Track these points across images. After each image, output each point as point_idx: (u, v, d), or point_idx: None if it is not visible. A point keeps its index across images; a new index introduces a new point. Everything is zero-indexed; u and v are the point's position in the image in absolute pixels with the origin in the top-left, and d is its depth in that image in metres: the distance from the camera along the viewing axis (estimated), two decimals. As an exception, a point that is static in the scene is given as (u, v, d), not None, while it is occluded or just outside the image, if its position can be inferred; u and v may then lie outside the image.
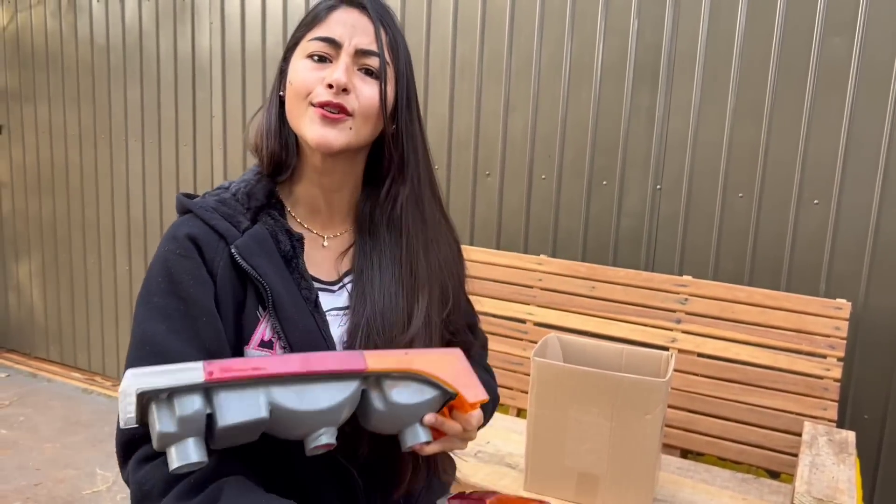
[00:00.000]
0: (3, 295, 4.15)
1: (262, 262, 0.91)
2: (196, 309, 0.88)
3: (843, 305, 2.02)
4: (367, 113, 0.95)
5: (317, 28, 0.96)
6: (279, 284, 0.91)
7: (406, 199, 1.00)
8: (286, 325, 0.91)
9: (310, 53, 0.95)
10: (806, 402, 1.98)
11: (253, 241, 0.92)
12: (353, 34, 0.95)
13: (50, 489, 2.80)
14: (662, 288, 2.19)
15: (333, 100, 0.92)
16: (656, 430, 1.69)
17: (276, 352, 0.91)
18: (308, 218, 1.02)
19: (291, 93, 0.96)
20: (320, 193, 1.01)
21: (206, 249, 0.91)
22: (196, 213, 0.94)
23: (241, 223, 0.94)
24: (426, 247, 1.02)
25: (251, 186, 0.98)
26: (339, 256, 1.02)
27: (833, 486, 1.62)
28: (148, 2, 3.34)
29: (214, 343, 0.88)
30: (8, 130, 3.93)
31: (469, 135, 2.66)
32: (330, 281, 1.01)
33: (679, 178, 2.35)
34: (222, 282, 0.90)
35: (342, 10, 0.97)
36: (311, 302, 0.94)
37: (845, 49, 2.11)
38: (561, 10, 2.45)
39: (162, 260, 0.91)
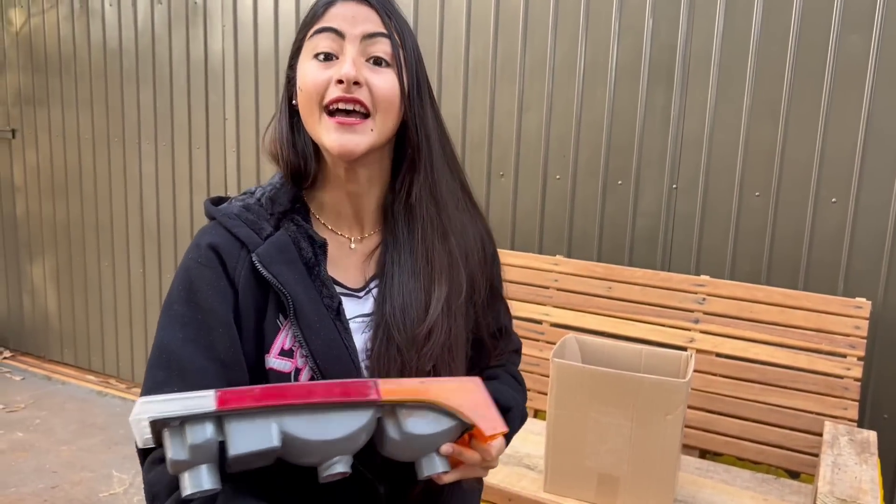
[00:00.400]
0: (18, 298, 4.17)
1: (284, 269, 0.90)
2: (213, 319, 0.88)
3: (863, 304, 2.01)
4: (386, 105, 0.91)
5: (316, 23, 0.94)
6: (301, 292, 0.90)
7: (420, 188, 0.96)
8: (308, 334, 0.89)
9: (315, 53, 0.92)
10: (826, 401, 1.97)
11: (274, 249, 0.91)
12: (355, 23, 0.91)
13: (67, 491, 2.82)
14: (680, 288, 2.19)
15: (346, 95, 0.88)
16: (677, 431, 1.68)
17: (296, 360, 0.90)
18: (335, 222, 1.00)
19: (303, 99, 0.92)
20: (346, 197, 0.99)
21: (227, 259, 0.90)
22: (219, 220, 0.93)
23: (263, 230, 0.93)
24: (444, 235, 0.98)
25: (276, 191, 0.97)
26: (366, 259, 1.00)
27: (856, 486, 1.61)
28: (160, 5, 3.35)
29: (229, 354, 0.88)
30: (22, 134, 3.95)
31: (483, 135, 2.66)
32: (356, 288, 0.99)
33: (695, 177, 2.34)
34: (244, 291, 0.90)
35: (340, 4, 0.93)
36: (333, 310, 0.92)
37: (863, 46, 2.10)
38: (575, 9, 2.45)
39: (185, 269, 0.91)
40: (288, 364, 0.90)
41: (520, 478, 1.87)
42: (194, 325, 0.87)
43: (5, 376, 3.94)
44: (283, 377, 0.90)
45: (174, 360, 0.86)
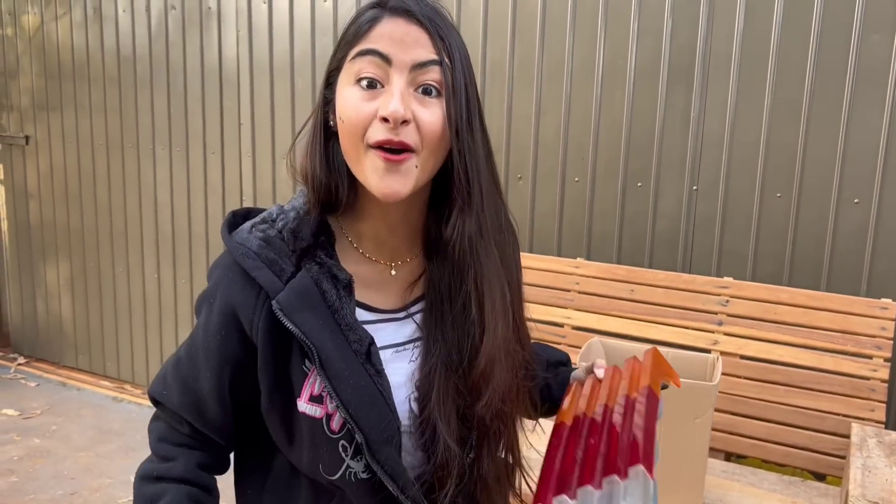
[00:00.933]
0: (32, 304, 4.18)
1: (307, 317, 0.84)
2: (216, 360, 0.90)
3: (889, 305, 2.00)
4: (432, 143, 0.84)
5: (360, 43, 0.84)
6: (327, 340, 0.85)
7: (471, 231, 0.88)
8: (336, 384, 0.84)
9: (358, 78, 0.83)
10: (853, 403, 1.96)
11: (295, 296, 0.85)
12: (404, 48, 0.82)
13: (86, 498, 2.82)
14: (703, 290, 2.18)
15: (393, 137, 0.81)
16: (705, 434, 1.67)
17: (326, 406, 0.86)
18: (374, 250, 0.94)
19: (345, 130, 0.84)
20: (385, 227, 0.93)
21: (243, 315, 0.86)
22: (238, 259, 0.87)
23: (284, 271, 0.86)
24: (490, 279, 0.91)
25: (299, 222, 0.89)
26: (409, 287, 0.95)
27: (888, 488, 1.59)
28: (174, 10, 3.36)
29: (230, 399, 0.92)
30: (35, 140, 3.96)
31: (500, 138, 2.65)
32: (395, 308, 0.94)
33: (716, 178, 2.33)
34: (263, 343, 0.86)
35: (387, 20, 0.84)
36: (363, 354, 0.86)
37: (885, 46, 2.09)
38: (593, 11, 2.44)
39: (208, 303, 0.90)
40: (319, 410, 0.87)
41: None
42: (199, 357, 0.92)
43: (20, 383, 3.94)
44: (315, 422, 0.86)
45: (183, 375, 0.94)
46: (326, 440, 0.86)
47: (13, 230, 4.16)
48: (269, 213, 0.91)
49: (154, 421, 0.99)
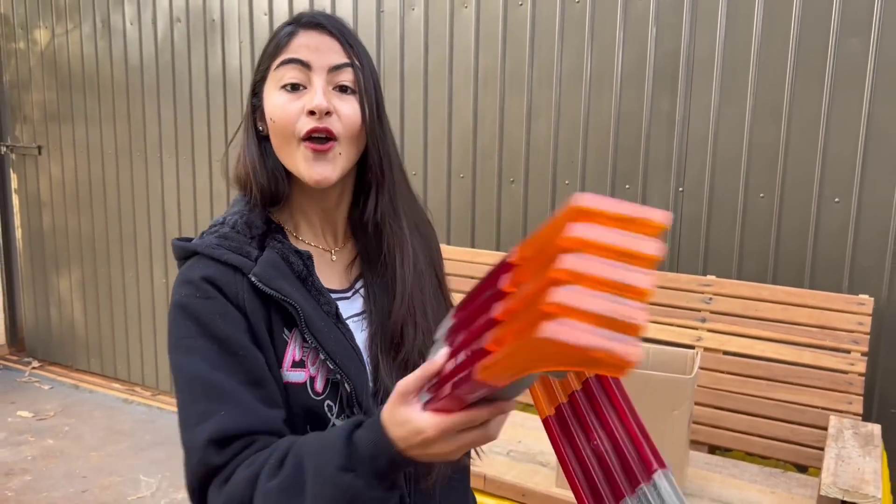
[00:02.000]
0: (45, 309, 4.29)
1: (284, 284, 0.92)
2: (232, 345, 0.89)
3: (865, 301, 2.06)
4: (352, 132, 0.95)
5: (281, 55, 0.95)
6: (304, 302, 0.93)
7: (385, 206, 1.02)
8: (321, 338, 0.92)
9: (283, 84, 0.94)
10: (831, 396, 2.02)
11: (269, 267, 0.93)
12: (320, 54, 0.94)
13: (97, 495, 2.91)
14: (687, 288, 2.24)
15: (319, 125, 0.92)
16: (684, 426, 1.74)
17: (308, 369, 0.93)
18: (313, 237, 1.04)
19: (276, 130, 0.95)
20: (319, 215, 1.04)
21: (226, 288, 0.91)
22: (204, 252, 0.93)
23: (250, 253, 0.94)
24: (402, 247, 1.04)
25: (247, 216, 0.97)
26: (348, 267, 1.06)
27: (859, 477, 1.65)
28: (179, 23, 3.46)
29: (258, 372, 0.89)
30: (47, 150, 4.07)
31: (493, 143, 2.73)
32: (343, 289, 1.04)
33: (700, 179, 2.40)
34: (252, 312, 0.91)
35: (303, 33, 0.95)
36: (333, 315, 0.96)
37: (862, 48, 2.15)
38: (580, 19, 2.52)
39: (181, 306, 0.90)
40: (301, 374, 0.93)
41: (533, 474, 1.94)
42: (214, 355, 0.88)
43: (34, 386, 4.06)
44: (298, 388, 0.93)
45: (211, 389, 0.86)
46: (313, 402, 0.92)
47: (27, 238, 4.28)
48: (214, 221, 1.00)
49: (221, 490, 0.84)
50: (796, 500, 1.86)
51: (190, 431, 0.86)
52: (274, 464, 0.81)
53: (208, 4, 3.36)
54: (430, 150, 2.88)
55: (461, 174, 2.82)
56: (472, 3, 2.71)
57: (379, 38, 2.92)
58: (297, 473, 0.79)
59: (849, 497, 1.61)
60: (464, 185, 2.82)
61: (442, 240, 2.88)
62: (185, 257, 0.96)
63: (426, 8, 2.81)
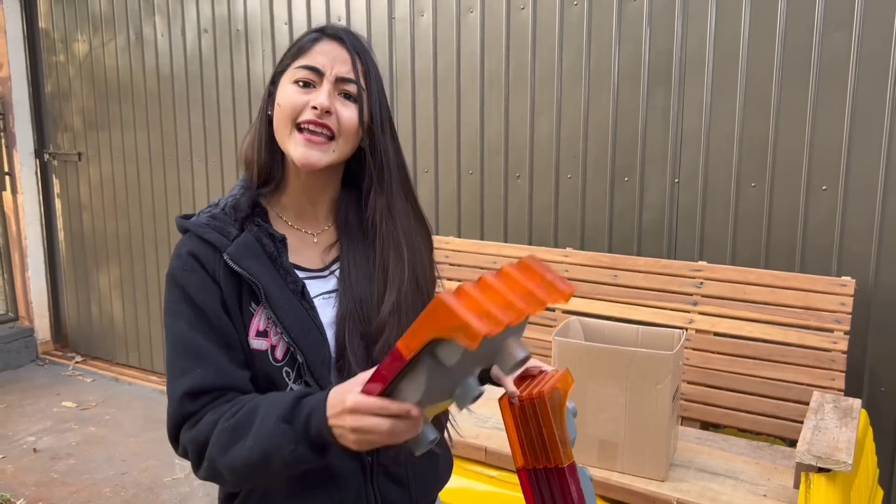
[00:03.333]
0: (87, 308, 4.54)
1: (251, 263, 1.06)
2: (208, 312, 1.04)
3: (847, 282, 2.16)
4: (348, 132, 1.10)
5: (302, 58, 1.10)
6: (269, 281, 1.06)
7: (381, 209, 1.15)
8: (279, 314, 1.06)
9: (296, 80, 1.09)
10: (815, 373, 2.12)
11: (241, 247, 1.07)
12: (334, 64, 1.09)
13: (135, 477, 3.12)
14: (680, 273, 2.36)
15: (317, 119, 1.07)
16: (667, 399, 1.86)
17: (270, 339, 1.06)
18: (297, 220, 1.17)
19: (280, 113, 1.09)
20: (305, 199, 1.16)
21: (206, 262, 1.06)
22: (192, 230, 1.08)
23: (230, 233, 1.08)
24: (396, 248, 1.15)
25: (237, 200, 1.12)
26: (327, 249, 1.18)
27: (833, 445, 1.76)
28: (206, 33, 3.67)
29: (229, 337, 1.05)
30: (87, 156, 4.32)
31: (499, 141, 2.88)
32: (319, 268, 1.16)
33: (695, 171, 2.52)
34: (225, 286, 1.05)
35: (324, 42, 1.10)
36: (298, 292, 1.09)
37: (845, 43, 2.25)
38: (579, 22, 2.65)
39: (172, 276, 1.07)
40: (264, 343, 1.07)
41: (531, 447, 2.07)
42: (193, 318, 1.04)
43: (78, 379, 4.30)
44: (261, 355, 1.07)
45: (190, 349, 1.03)
46: (272, 368, 1.08)
47: (69, 240, 4.53)
48: (213, 202, 1.16)
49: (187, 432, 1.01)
50: (779, 469, 1.98)
51: (172, 383, 1.03)
52: (234, 411, 0.99)
53: (233, 15, 3.56)
54: (440, 148, 3.03)
55: (470, 171, 2.97)
56: (477, 8, 2.86)
57: (391, 43, 3.09)
58: (248, 418, 0.96)
59: (822, 463, 1.72)
60: (472, 181, 2.97)
61: (452, 233, 3.03)
62: (183, 231, 1.11)
63: (434, 14, 2.96)
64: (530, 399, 1.12)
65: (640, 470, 1.91)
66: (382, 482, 1.15)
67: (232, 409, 1.00)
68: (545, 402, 1.11)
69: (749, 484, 1.90)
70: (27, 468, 3.19)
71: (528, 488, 1.17)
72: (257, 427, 0.95)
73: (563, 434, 1.13)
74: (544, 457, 1.13)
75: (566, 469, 1.14)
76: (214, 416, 1.00)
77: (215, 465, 0.98)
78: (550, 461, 1.13)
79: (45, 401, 3.96)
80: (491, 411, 2.27)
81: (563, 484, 1.14)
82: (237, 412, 0.99)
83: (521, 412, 1.16)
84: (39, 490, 3.01)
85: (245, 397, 1.02)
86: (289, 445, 0.92)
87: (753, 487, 1.88)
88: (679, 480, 1.90)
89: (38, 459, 3.28)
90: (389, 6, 3.08)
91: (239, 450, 0.95)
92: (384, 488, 1.16)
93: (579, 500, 1.14)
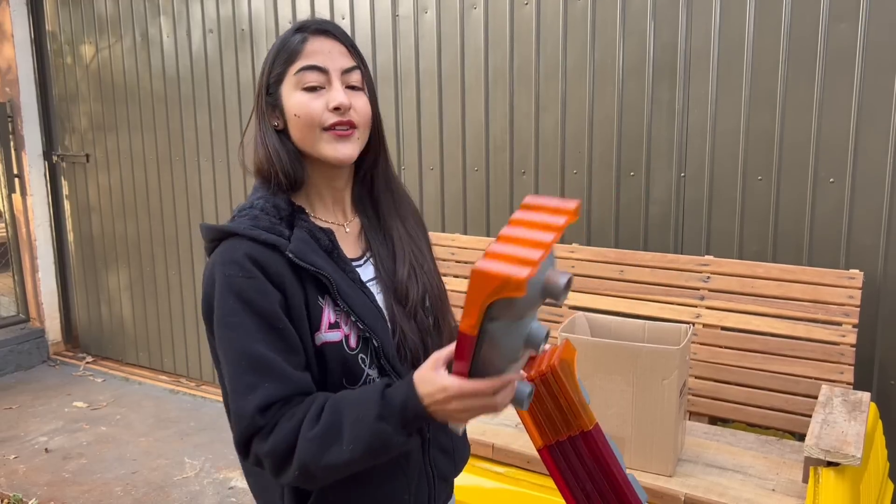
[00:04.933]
0: (97, 308, 4.57)
1: (316, 258, 1.06)
2: (271, 320, 1.02)
3: (855, 275, 2.15)
4: (365, 120, 1.13)
5: (298, 61, 1.09)
6: (335, 273, 1.08)
7: (381, 180, 1.21)
8: (351, 303, 1.08)
9: (303, 86, 1.09)
10: (824, 367, 2.11)
11: (302, 243, 1.06)
12: (333, 58, 1.10)
13: (146, 476, 3.14)
14: (686, 268, 2.35)
15: (344, 119, 1.09)
16: (674, 394, 1.86)
17: (343, 329, 1.08)
18: (328, 215, 1.18)
19: (300, 124, 1.09)
20: (333, 195, 1.18)
21: (266, 265, 1.03)
22: (243, 234, 1.05)
23: (283, 232, 1.07)
24: (399, 213, 1.23)
25: (272, 200, 1.11)
26: (357, 237, 1.21)
27: (842, 439, 1.75)
28: (212, 34, 3.68)
29: (293, 341, 1.03)
30: (94, 158, 4.34)
31: (504, 137, 2.87)
32: (357, 257, 1.19)
33: (701, 165, 2.51)
34: (290, 287, 1.04)
35: (313, 40, 1.10)
36: (358, 281, 1.12)
37: (850, 34, 2.24)
38: (583, 17, 2.65)
39: (226, 286, 1.02)
40: (338, 334, 1.08)
41: (538, 443, 2.07)
42: (255, 329, 1.01)
43: (89, 379, 4.33)
44: (336, 346, 1.07)
45: (255, 363, 1.00)
46: (349, 357, 1.08)
47: (78, 241, 4.56)
48: (240, 206, 1.14)
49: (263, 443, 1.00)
50: (787, 464, 1.97)
51: (240, 400, 1.00)
52: (313, 415, 1.00)
53: (237, 15, 3.57)
54: (445, 145, 3.03)
55: (475, 168, 2.97)
56: (480, 5, 2.85)
57: (395, 40, 3.09)
58: (335, 422, 0.98)
59: (830, 457, 1.72)
60: (478, 178, 2.97)
61: (458, 230, 3.03)
62: (217, 239, 1.08)
63: (438, 10, 2.96)
64: (541, 375, 1.13)
65: (648, 465, 1.91)
66: (435, 454, 1.21)
67: (310, 415, 1.00)
68: (558, 373, 1.12)
69: (757, 479, 1.89)
70: (39, 468, 3.22)
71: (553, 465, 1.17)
72: (350, 430, 0.97)
73: (581, 398, 1.14)
74: (565, 427, 1.14)
75: (591, 432, 1.14)
76: (293, 423, 0.99)
77: (309, 470, 0.98)
78: (574, 429, 1.14)
79: (57, 401, 3.98)
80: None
81: (593, 446, 1.15)
82: (316, 417, 1.00)
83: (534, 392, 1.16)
84: (51, 490, 3.03)
85: (313, 398, 1.03)
86: (394, 438, 0.97)
87: (762, 482, 1.88)
88: (687, 476, 1.90)
89: (50, 459, 3.30)
90: (393, 4, 3.08)
91: (338, 453, 0.97)
92: (436, 459, 1.22)
93: (609, 456, 1.14)
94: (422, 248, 1.23)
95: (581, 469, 1.16)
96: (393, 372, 1.12)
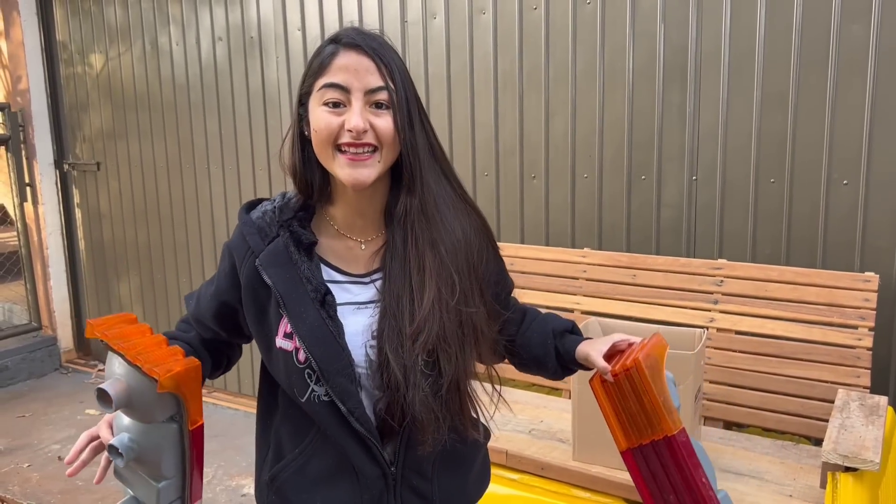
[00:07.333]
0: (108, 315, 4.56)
1: (277, 271, 1.12)
2: (215, 290, 1.23)
3: (871, 278, 2.13)
4: (389, 141, 1.08)
5: (324, 76, 1.08)
6: (290, 289, 1.11)
7: (413, 208, 1.12)
8: (295, 321, 1.10)
9: (325, 101, 1.08)
10: (840, 371, 2.09)
11: (271, 255, 1.13)
12: (358, 76, 1.06)
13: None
14: (700, 272, 2.34)
15: (356, 141, 1.06)
16: (689, 399, 1.85)
17: (295, 341, 1.10)
18: (347, 228, 1.19)
19: (317, 138, 1.09)
20: (353, 211, 1.17)
21: (238, 259, 1.17)
22: (240, 227, 1.19)
23: (268, 235, 1.15)
24: (433, 244, 1.12)
25: (287, 202, 1.18)
26: (373, 256, 1.18)
27: (860, 444, 1.73)
28: (221, 41, 3.69)
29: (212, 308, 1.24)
30: (105, 166, 4.36)
31: (514, 142, 2.87)
32: (360, 274, 1.17)
33: (713, 168, 2.49)
34: (246, 284, 1.15)
35: (343, 54, 1.08)
36: (318, 301, 1.10)
37: (863, 35, 2.22)
38: (592, 20, 2.64)
39: (223, 251, 1.24)
40: (290, 344, 1.12)
41: (551, 449, 2.07)
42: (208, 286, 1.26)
43: (100, 386, 4.33)
44: (287, 354, 1.12)
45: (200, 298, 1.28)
46: (295, 369, 1.12)
47: (89, 248, 4.58)
48: (280, 194, 1.21)
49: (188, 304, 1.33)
50: (805, 469, 1.95)
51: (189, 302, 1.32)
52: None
53: (246, 23, 3.57)
54: (455, 150, 3.03)
55: (485, 173, 2.96)
56: (489, 9, 2.85)
57: (404, 46, 3.09)
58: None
59: (848, 462, 1.69)
60: (488, 183, 2.96)
61: (470, 235, 3.02)
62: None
63: (447, 16, 2.96)
64: (625, 371, 1.08)
65: (663, 471, 1.89)
66: (407, 495, 1.18)
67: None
68: (642, 369, 1.07)
69: (774, 484, 1.88)
70: (52, 476, 3.22)
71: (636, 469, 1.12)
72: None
73: (668, 400, 1.09)
74: (649, 430, 1.09)
75: (675, 437, 1.08)
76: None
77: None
78: (658, 432, 1.08)
79: (69, 409, 3.99)
80: (510, 414, 2.26)
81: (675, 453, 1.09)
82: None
83: (617, 388, 1.11)
84: (64, 498, 3.04)
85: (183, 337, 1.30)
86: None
87: (779, 488, 1.86)
88: (703, 481, 1.88)
89: (63, 467, 3.30)
90: (402, 9, 3.08)
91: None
92: (407, 500, 1.19)
93: (694, 467, 1.08)
94: (454, 284, 1.13)
95: (665, 477, 1.11)
96: (341, 392, 1.09)
